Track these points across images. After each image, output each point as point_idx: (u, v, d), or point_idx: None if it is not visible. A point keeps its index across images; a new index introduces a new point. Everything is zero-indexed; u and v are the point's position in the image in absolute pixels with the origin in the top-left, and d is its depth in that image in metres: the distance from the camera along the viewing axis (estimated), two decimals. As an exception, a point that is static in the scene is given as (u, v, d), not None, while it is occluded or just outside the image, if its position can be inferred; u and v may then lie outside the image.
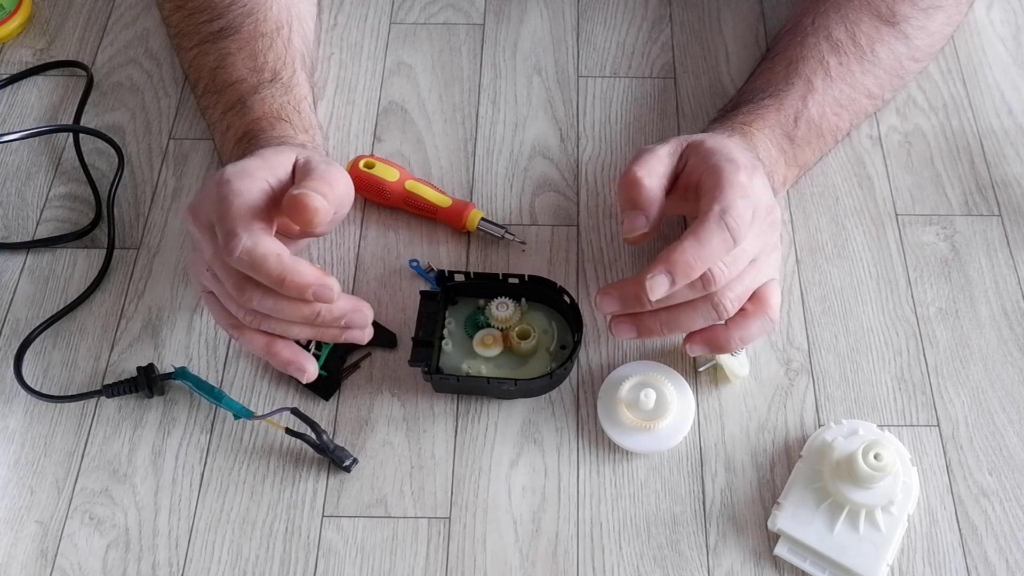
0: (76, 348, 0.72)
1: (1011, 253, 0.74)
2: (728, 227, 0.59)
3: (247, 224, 0.60)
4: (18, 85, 0.86)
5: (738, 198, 0.60)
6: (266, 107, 0.72)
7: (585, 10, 0.89)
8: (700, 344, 0.64)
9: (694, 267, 0.59)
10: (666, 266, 0.59)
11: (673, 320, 0.63)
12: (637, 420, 0.65)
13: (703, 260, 0.59)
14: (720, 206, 0.60)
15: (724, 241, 0.59)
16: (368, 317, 0.63)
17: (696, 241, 0.59)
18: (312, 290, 0.59)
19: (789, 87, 0.72)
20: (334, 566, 0.63)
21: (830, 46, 0.74)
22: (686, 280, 0.59)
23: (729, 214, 0.59)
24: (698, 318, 0.62)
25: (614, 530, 0.64)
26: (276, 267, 0.59)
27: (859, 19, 0.74)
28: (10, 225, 0.78)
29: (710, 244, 0.59)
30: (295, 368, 0.64)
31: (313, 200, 0.60)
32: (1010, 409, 0.68)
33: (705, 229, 0.59)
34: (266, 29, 0.75)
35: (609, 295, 0.62)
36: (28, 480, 0.66)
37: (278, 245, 0.60)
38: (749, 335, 0.64)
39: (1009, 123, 0.81)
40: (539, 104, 0.83)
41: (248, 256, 0.59)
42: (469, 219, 0.75)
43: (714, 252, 0.59)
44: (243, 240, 0.59)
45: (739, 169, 0.62)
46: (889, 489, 0.62)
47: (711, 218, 0.59)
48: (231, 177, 0.62)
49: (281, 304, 0.61)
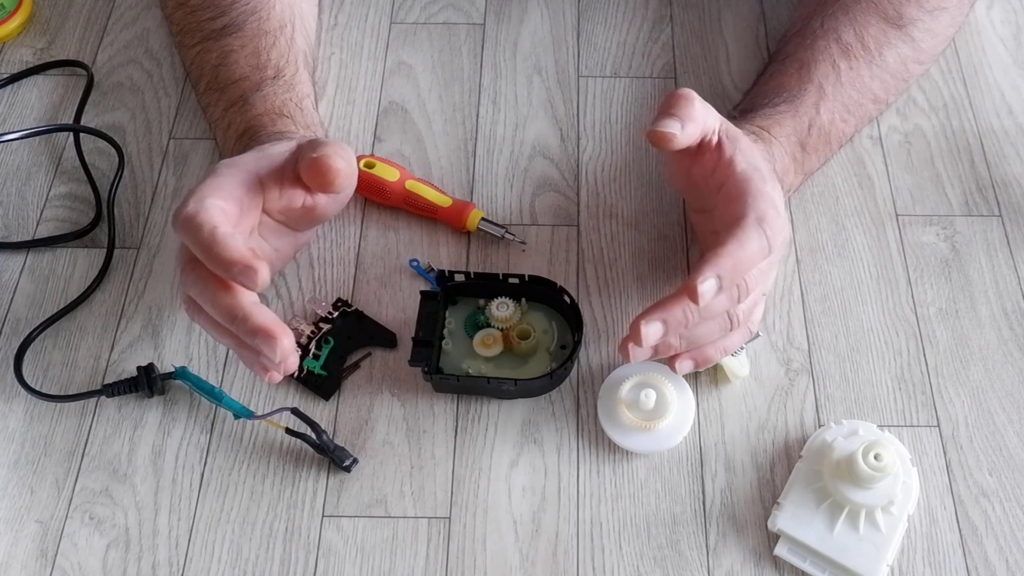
0: (76, 348, 0.72)
1: (1011, 253, 0.74)
2: (766, 235, 0.59)
3: (200, 197, 0.60)
4: (18, 85, 0.86)
5: (771, 209, 0.60)
6: (268, 104, 0.72)
7: (585, 10, 0.89)
8: (689, 360, 0.64)
9: (739, 271, 0.59)
10: (715, 268, 0.57)
11: (692, 332, 0.62)
12: (637, 420, 0.65)
13: (745, 264, 0.59)
14: (757, 214, 0.60)
15: (762, 248, 0.59)
16: (279, 348, 0.57)
17: (739, 244, 0.58)
18: (238, 268, 0.56)
19: (803, 92, 0.72)
20: (334, 566, 0.63)
21: (840, 49, 0.73)
22: (732, 283, 0.59)
23: (766, 223, 0.59)
24: (713, 329, 0.62)
25: (614, 530, 0.64)
26: (207, 237, 0.57)
27: (867, 22, 0.74)
28: (10, 225, 0.78)
29: (751, 248, 0.59)
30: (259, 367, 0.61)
31: (335, 161, 0.59)
32: (1010, 409, 0.68)
33: (747, 233, 0.59)
34: (269, 27, 0.75)
35: (652, 320, 0.59)
36: (28, 480, 0.66)
37: (222, 222, 0.59)
38: (732, 345, 0.65)
39: (1009, 123, 0.81)
40: (539, 104, 0.83)
41: (187, 220, 0.58)
42: (469, 219, 0.75)
43: (753, 257, 0.59)
44: (188, 207, 0.59)
45: (766, 181, 0.62)
46: (889, 489, 0.62)
47: (750, 223, 0.59)
48: (220, 166, 0.63)
49: (208, 291, 0.59)
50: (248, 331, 0.58)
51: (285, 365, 0.60)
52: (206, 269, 0.59)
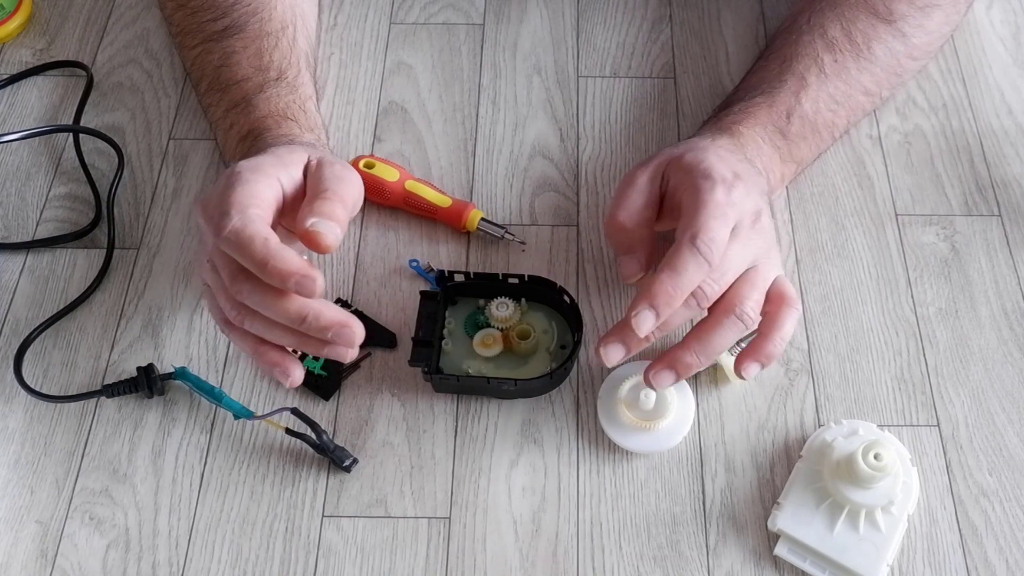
0: (76, 348, 0.72)
1: (1011, 253, 0.74)
2: (700, 251, 0.60)
3: (241, 208, 0.59)
4: (18, 85, 0.86)
5: (710, 219, 0.61)
6: (272, 106, 0.72)
7: (585, 10, 0.89)
8: (752, 362, 0.64)
9: (675, 296, 0.60)
10: (648, 300, 0.60)
11: (706, 346, 0.62)
12: (637, 420, 0.65)
13: (682, 288, 0.60)
14: (691, 231, 0.61)
15: (699, 265, 0.60)
16: (356, 337, 0.60)
17: (672, 271, 0.60)
18: (295, 279, 0.57)
19: (782, 84, 0.73)
20: (334, 566, 0.63)
21: (825, 44, 0.74)
22: (670, 310, 0.60)
23: (700, 238, 0.60)
24: (728, 335, 0.62)
25: (614, 530, 0.64)
26: (261, 250, 0.58)
27: (855, 17, 0.74)
28: (10, 225, 0.78)
29: (686, 272, 0.60)
30: (280, 371, 0.62)
31: (327, 238, 0.59)
32: (1010, 409, 0.68)
33: (679, 257, 0.60)
34: (271, 28, 0.75)
35: (611, 343, 0.62)
36: (28, 480, 0.66)
37: (268, 231, 0.59)
38: (786, 332, 0.64)
39: (1009, 123, 0.81)
40: (539, 104, 0.83)
41: (235, 236, 0.58)
42: (469, 219, 0.75)
43: (691, 278, 0.60)
44: (233, 220, 0.59)
45: (715, 186, 0.62)
46: (889, 489, 0.62)
47: (683, 246, 0.60)
48: (242, 170, 0.62)
49: (268, 300, 0.59)
50: (322, 327, 0.59)
51: (291, 379, 0.62)
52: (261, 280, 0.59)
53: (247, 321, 0.61)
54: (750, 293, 0.62)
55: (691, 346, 0.62)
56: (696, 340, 0.63)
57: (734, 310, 0.62)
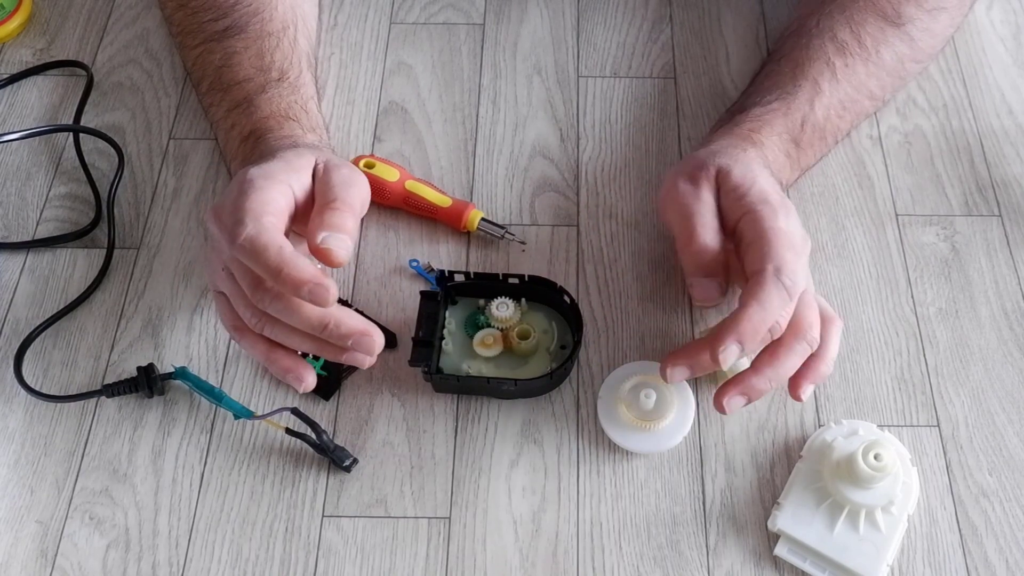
0: (76, 348, 0.72)
1: (1011, 253, 0.74)
2: (785, 287, 0.61)
3: (256, 216, 0.60)
4: (18, 85, 0.86)
5: (786, 251, 0.62)
6: (274, 106, 0.72)
7: (585, 10, 0.89)
8: (808, 384, 0.64)
9: (760, 331, 0.61)
10: (736, 336, 0.60)
11: (779, 371, 0.63)
12: (637, 420, 0.65)
13: (767, 322, 0.61)
14: (774, 264, 0.61)
15: (783, 301, 0.61)
16: (377, 346, 0.61)
17: (760, 306, 0.60)
18: (308, 287, 0.58)
19: (796, 89, 0.72)
20: (334, 566, 0.63)
21: (836, 47, 0.73)
22: (754, 345, 0.61)
23: (784, 272, 0.61)
24: (798, 359, 0.63)
25: (614, 530, 0.64)
26: (275, 258, 0.58)
27: (864, 20, 0.74)
28: (10, 225, 0.78)
29: (771, 306, 0.61)
30: (293, 377, 0.63)
31: (338, 254, 0.60)
32: (1010, 409, 0.68)
33: (766, 292, 0.61)
34: (272, 28, 0.75)
35: (678, 365, 0.63)
36: (28, 480, 0.66)
37: (282, 239, 0.60)
38: (835, 350, 0.65)
39: (1009, 123, 0.81)
40: (539, 104, 0.83)
41: (250, 244, 0.59)
42: (469, 219, 0.75)
43: (775, 312, 0.61)
44: (248, 228, 0.59)
45: (776, 214, 0.63)
46: (889, 489, 0.62)
47: (768, 280, 0.61)
48: (254, 177, 0.62)
49: (291, 309, 0.60)
50: (343, 335, 0.60)
51: (304, 384, 0.63)
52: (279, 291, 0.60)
53: (266, 328, 0.62)
54: (814, 318, 0.63)
55: (765, 372, 0.63)
56: (769, 367, 0.63)
57: (805, 336, 0.63)
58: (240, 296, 0.62)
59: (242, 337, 0.64)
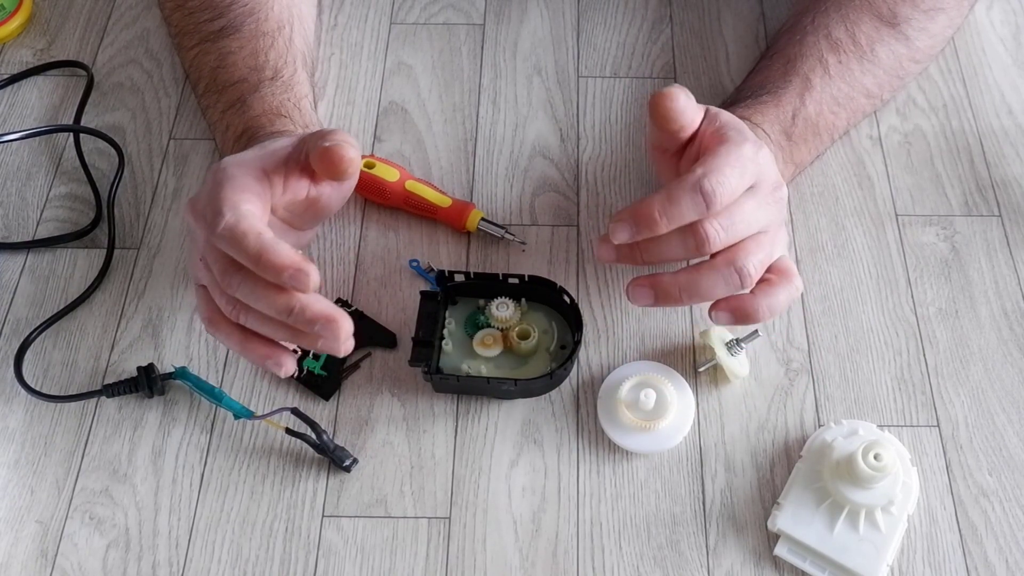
0: (76, 348, 0.72)
1: (1011, 253, 0.74)
2: (703, 189, 0.58)
3: (233, 203, 0.59)
4: (18, 85, 0.86)
5: (727, 166, 0.59)
6: (266, 104, 0.72)
7: (585, 10, 0.89)
8: (726, 312, 0.62)
9: (657, 223, 0.59)
10: (631, 216, 0.59)
11: (694, 285, 0.61)
12: (637, 420, 0.65)
13: (669, 217, 0.59)
14: (703, 169, 0.59)
15: (695, 202, 0.59)
16: (342, 331, 0.59)
17: (666, 197, 0.59)
18: (288, 273, 0.57)
19: (787, 84, 0.72)
20: (334, 566, 0.63)
21: (829, 45, 0.74)
22: (649, 233, 0.59)
23: (708, 177, 0.59)
24: (720, 283, 0.61)
25: (614, 530, 0.64)
26: (255, 244, 0.58)
27: (859, 19, 0.74)
28: (10, 225, 0.78)
29: (679, 202, 0.59)
30: (272, 363, 0.62)
31: (347, 150, 0.59)
32: (1010, 409, 0.68)
33: (678, 187, 0.59)
34: (267, 28, 0.75)
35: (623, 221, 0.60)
36: (28, 480, 0.66)
37: (261, 225, 0.59)
38: (777, 303, 0.62)
39: (1009, 123, 0.81)
40: (539, 104, 0.83)
41: (229, 232, 0.58)
42: (469, 219, 0.75)
43: (682, 211, 0.59)
44: (227, 216, 0.59)
45: (746, 141, 0.61)
46: (889, 489, 0.62)
47: (687, 178, 0.59)
48: (226, 166, 0.62)
49: (259, 292, 0.59)
50: (308, 320, 0.59)
51: (284, 368, 0.62)
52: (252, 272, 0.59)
53: (241, 316, 0.61)
54: (756, 251, 0.61)
55: (679, 278, 0.61)
56: (686, 275, 0.61)
57: (735, 262, 0.60)
58: (215, 285, 0.62)
59: (216, 329, 0.63)
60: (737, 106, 0.72)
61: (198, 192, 0.63)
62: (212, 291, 0.62)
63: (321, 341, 0.60)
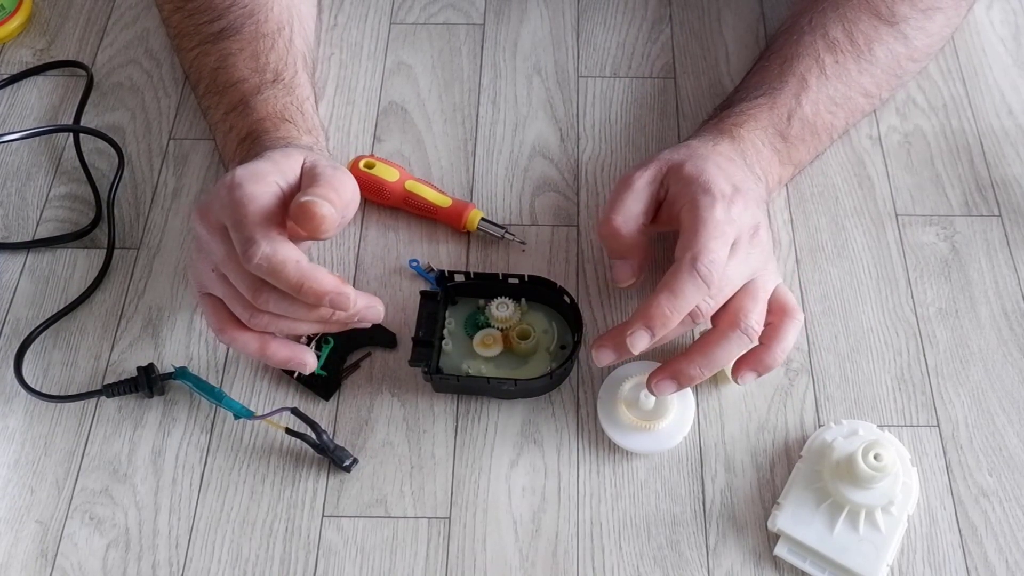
0: (76, 348, 0.72)
1: (1011, 253, 0.74)
2: (700, 274, 0.61)
3: (265, 231, 0.59)
4: (18, 85, 0.86)
5: (711, 240, 0.62)
6: (269, 108, 0.72)
7: (585, 10, 0.89)
8: (749, 371, 0.64)
9: (671, 318, 0.61)
10: (644, 321, 0.61)
11: (710, 360, 0.63)
12: (637, 420, 0.65)
13: (679, 310, 0.61)
14: (692, 252, 0.61)
15: (697, 288, 0.61)
16: (381, 312, 0.63)
17: (670, 294, 0.61)
18: (329, 298, 0.59)
19: (783, 85, 0.73)
20: (334, 566, 0.63)
21: (826, 44, 0.74)
22: (665, 331, 0.61)
23: (700, 260, 0.61)
24: (733, 349, 0.63)
25: (614, 530, 0.64)
26: (295, 274, 0.59)
27: (857, 18, 0.74)
28: (10, 225, 0.78)
29: (684, 294, 0.61)
30: (296, 363, 0.64)
31: (320, 207, 0.59)
32: (1010, 409, 0.68)
33: (678, 280, 0.61)
34: (267, 30, 0.75)
35: (604, 347, 0.63)
36: (28, 480, 0.66)
37: (296, 252, 0.60)
38: (787, 343, 0.64)
39: (1009, 123, 0.81)
40: (539, 104, 0.83)
41: (267, 263, 0.59)
42: (469, 219, 0.75)
43: (688, 300, 0.61)
44: (262, 247, 0.59)
45: (715, 203, 0.63)
46: (889, 489, 0.62)
47: (683, 268, 0.61)
48: (243, 180, 0.61)
49: (294, 308, 0.61)
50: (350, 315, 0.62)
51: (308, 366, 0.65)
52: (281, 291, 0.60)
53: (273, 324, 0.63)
54: (753, 307, 0.63)
55: (695, 359, 0.63)
56: (700, 354, 0.63)
57: (739, 325, 0.62)
58: (236, 297, 0.62)
59: (232, 339, 0.64)
60: (732, 109, 0.72)
61: (207, 200, 0.63)
62: (231, 303, 0.63)
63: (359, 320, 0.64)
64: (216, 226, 0.61)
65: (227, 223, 0.61)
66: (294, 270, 0.59)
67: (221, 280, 0.63)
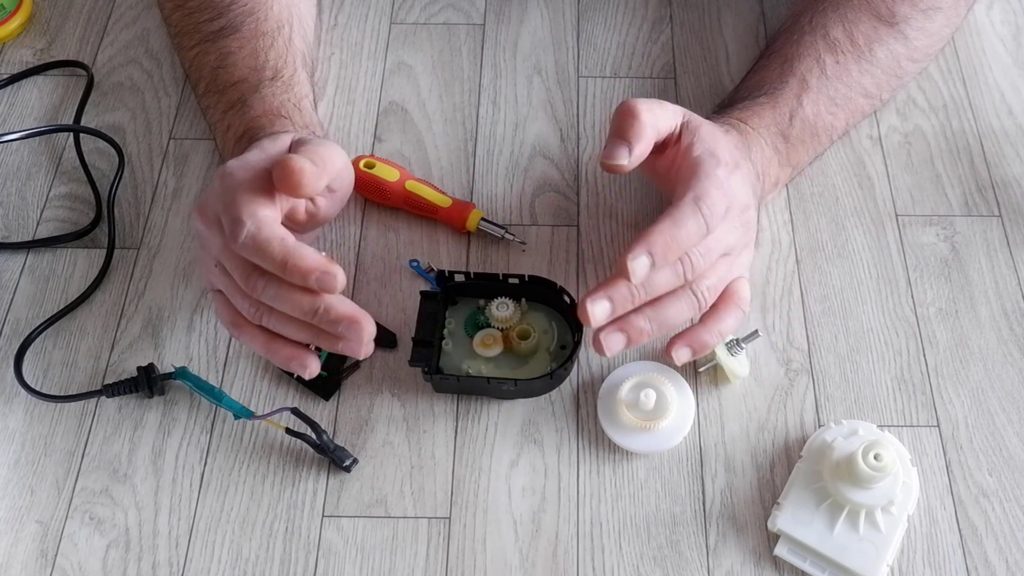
0: (76, 348, 0.72)
1: (1011, 253, 0.74)
2: (702, 212, 0.61)
3: (251, 211, 0.60)
4: (18, 85, 0.86)
5: (713, 188, 0.62)
6: (266, 105, 0.72)
7: (585, 10, 0.89)
8: (684, 346, 0.64)
9: (671, 248, 0.60)
10: (646, 246, 0.60)
11: (660, 313, 0.63)
12: (637, 420, 0.65)
13: (679, 242, 0.60)
14: (695, 193, 0.61)
15: (698, 226, 0.61)
16: (365, 333, 0.60)
17: (672, 223, 0.60)
18: (315, 276, 0.58)
19: (784, 85, 0.73)
20: (334, 566, 0.63)
21: (827, 45, 0.74)
22: (664, 261, 0.60)
23: (703, 201, 0.61)
24: (682, 308, 0.63)
25: (614, 530, 0.64)
26: (280, 250, 0.59)
27: (858, 19, 0.74)
28: (10, 225, 0.78)
29: (685, 227, 0.60)
30: (297, 364, 0.63)
31: (296, 161, 0.59)
32: (1010, 409, 0.68)
33: (680, 212, 0.61)
34: (267, 28, 0.75)
35: (598, 298, 0.60)
36: (28, 480, 0.66)
37: (283, 230, 0.60)
38: (726, 327, 0.65)
39: (1009, 123, 0.81)
40: (539, 104, 0.83)
41: (252, 240, 0.59)
42: (469, 219, 0.75)
43: (689, 235, 0.61)
44: (247, 225, 0.59)
45: (719, 165, 0.63)
46: (889, 489, 0.62)
47: (686, 202, 0.61)
48: (233, 170, 0.62)
49: (284, 294, 0.60)
50: (332, 320, 0.60)
51: (309, 369, 0.63)
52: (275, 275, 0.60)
53: (264, 317, 0.62)
54: (711, 275, 0.63)
55: (645, 311, 0.63)
56: (651, 307, 0.63)
57: (691, 284, 0.63)
58: (235, 289, 0.62)
59: (240, 332, 0.64)
60: (734, 107, 0.72)
61: (204, 197, 0.64)
62: (231, 295, 0.63)
63: (343, 343, 0.61)
64: (213, 219, 0.62)
65: (220, 212, 0.61)
66: (279, 247, 0.59)
67: (223, 274, 0.63)
